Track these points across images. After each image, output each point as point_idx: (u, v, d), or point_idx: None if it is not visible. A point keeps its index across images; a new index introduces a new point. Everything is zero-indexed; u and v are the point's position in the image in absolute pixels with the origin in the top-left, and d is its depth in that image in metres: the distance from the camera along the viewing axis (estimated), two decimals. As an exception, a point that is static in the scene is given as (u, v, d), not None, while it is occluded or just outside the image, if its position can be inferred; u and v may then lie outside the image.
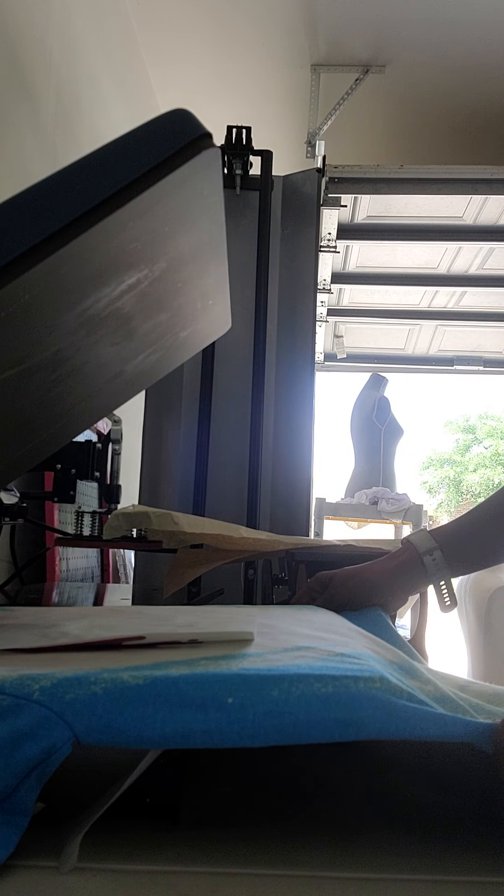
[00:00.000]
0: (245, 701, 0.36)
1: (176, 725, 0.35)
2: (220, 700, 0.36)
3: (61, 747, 0.34)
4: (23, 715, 0.35)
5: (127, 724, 0.35)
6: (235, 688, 0.36)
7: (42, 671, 0.38)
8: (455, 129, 3.47)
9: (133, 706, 0.35)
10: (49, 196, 0.50)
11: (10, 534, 1.47)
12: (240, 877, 0.36)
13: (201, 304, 0.84)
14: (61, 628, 0.61)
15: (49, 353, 0.65)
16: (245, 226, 1.88)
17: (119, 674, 0.37)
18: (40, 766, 0.34)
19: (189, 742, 0.35)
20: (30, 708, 0.35)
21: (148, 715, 0.35)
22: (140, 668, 0.39)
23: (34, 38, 1.85)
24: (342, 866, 0.37)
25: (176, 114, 0.54)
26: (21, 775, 0.34)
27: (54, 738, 0.34)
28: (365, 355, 3.85)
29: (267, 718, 0.36)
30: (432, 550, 0.79)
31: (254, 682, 0.37)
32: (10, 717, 0.35)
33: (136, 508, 1.09)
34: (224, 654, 0.44)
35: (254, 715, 0.36)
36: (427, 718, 0.38)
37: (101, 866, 0.36)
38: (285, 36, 2.95)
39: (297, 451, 1.85)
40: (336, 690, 0.37)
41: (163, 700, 0.36)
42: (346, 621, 0.68)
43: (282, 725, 0.36)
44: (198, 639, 0.49)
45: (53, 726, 0.35)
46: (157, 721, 0.35)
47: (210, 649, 0.46)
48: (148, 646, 0.47)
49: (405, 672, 0.47)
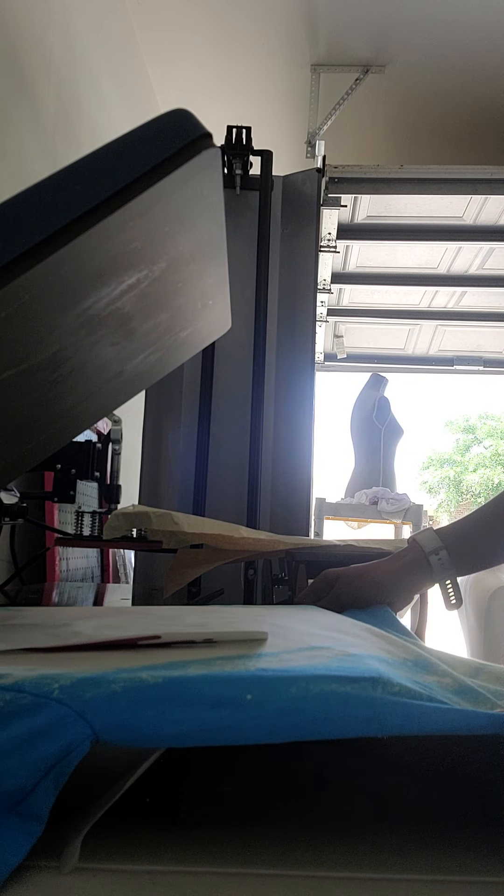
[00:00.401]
0: (263, 698, 0.36)
1: (194, 723, 0.35)
2: (238, 697, 0.36)
3: (80, 745, 0.34)
4: (42, 713, 0.35)
5: (145, 722, 0.35)
6: (253, 686, 0.37)
7: (60, 671, 0.38)
8: (455, 129, 3.47)
9: (151, 704, 0.36)
10: (49, 196, 0.50)
11: (10, 534, 1.47)
12: (240, 877, 0.36)
13: (201, 304, 0.84)
14: (73, 628, 0.61)
15: (49, 353, 0.65)
16: (245, 226, 1.88)
17: (137, 673, 0.37)
18: (58, 766, 0.34)
19: (207, 740, 0.35)
20: (49, 706, 0.35)
21: (166, 713, 0.35)
22: (157, 667, 0.39)
23: (34, 38, 1.85)
24: (342, 866, 0.37)
25: (176, 114, 0.54)
26: (39, 774, 0.34)
27: (73, 736, 0.34)
28: (365, 355, 3.85)
29: (285, 715, 0.36)
30: (438, 550, 0.79)
31: (271, 680, 0.37)
32: (29, 714, 0.35)
33: (136, 508, 1.09)
34: (240, 653, 0.44)
35: (272, 712, 0.36)
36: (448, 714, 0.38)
37: (101, 866, 0.36)
38: (285, 36, 2.95)
39: (297, 451, 1.85)
40: (354, 690, 0.37)
41: (181, 698, 0.36)
42: (353, 621, 0.68)
43: (300, 722, 0.36)
44: (213, 638, 0.49)
45: (73, 724, 0.35)
46: (174, 719, 0.35)
47: (225, 649, 0.46)
48: (163, 645, 0.48)
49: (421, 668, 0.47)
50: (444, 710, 0.38)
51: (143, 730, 0.35)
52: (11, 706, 0.35)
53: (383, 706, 0.37)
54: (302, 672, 0.38)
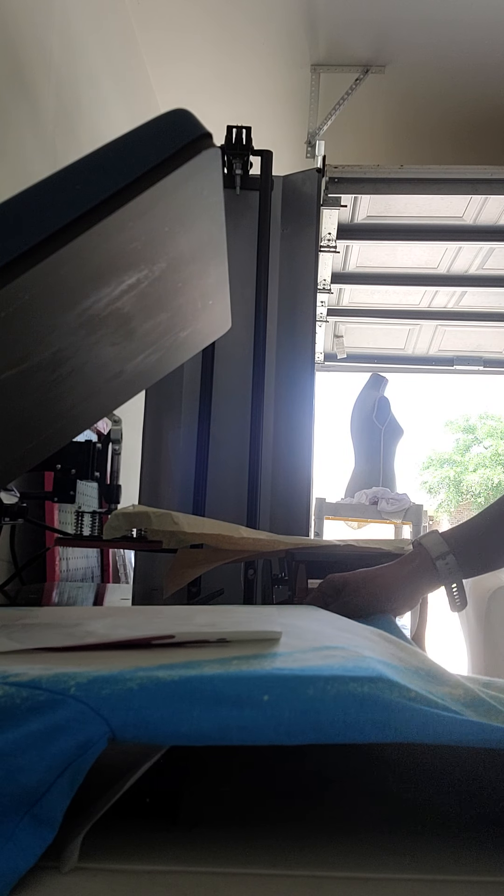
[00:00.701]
0: (281, 699, 0.36)
1: (212, 722, 0.35)
2: (256, 697, 0.36)
3: (97, 742, 0.34)
4: (59, 709, 0.35)
5: (163, 719, 0.35)
6: (270, 686, 0.37)
7: (77, 669, 0.38)
8: (455, 129, 3.47)
9: (169, 702, 0.35)
10: (49, 196, 0.50)
11: (10, 534, 1.47)
12: (240, 877, 0.36)
13: (201, 304, 0.84)
14: (86, 627, 0.61)
15: (49, 353, 0.65)
16: (245, 226, 1.88)
17: (154, 672, 0.37)
18: (74, 764, 0.34)
19: (225, 739, 0.35)
20: (66, 703, 0.35)
21: (184, 711, 0.35)
22: (174, 666, 0.39)
23: (34, 38, 1.85)
24: (342, 866, 0.37)
25: (176, 114, 0.54)
26: (56, 771, 0.34)
27: (90, 733, 0.34)
28: (365, 355, 3.85)
29: (303, 716, 0.36)
30: (445, 555, 0.79)
31: (289, 680, 0.37)
32: (47, 711, 0.35)
33: (136, 508, 1.09)
34: (255, 653, 0.44)
35: (290, 713, 0.36)
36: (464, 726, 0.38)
37: (101, 866, 0.36)
38: (285, 36, 2.95)
39: (297, 451, 1.84)
40: (372, 692, 0.37)
41: (198, 696, 0.36)
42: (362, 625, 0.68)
43: (318, 723, 0.36)
44: (226, 638, 0.49)
45: (89, 721, 0.35)
46: (192, 717, 0.35)
47: (240, 648, 0.46)
48: (177, 645, 0.47)
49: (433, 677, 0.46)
50: (461, 721, 0.38)
51: (161, 727, 0.35)
52: (29, 702, 0.35)
53: (400, 711, 0.37)
54: (319, 672, 0.38)
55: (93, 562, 2.18)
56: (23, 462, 0.99)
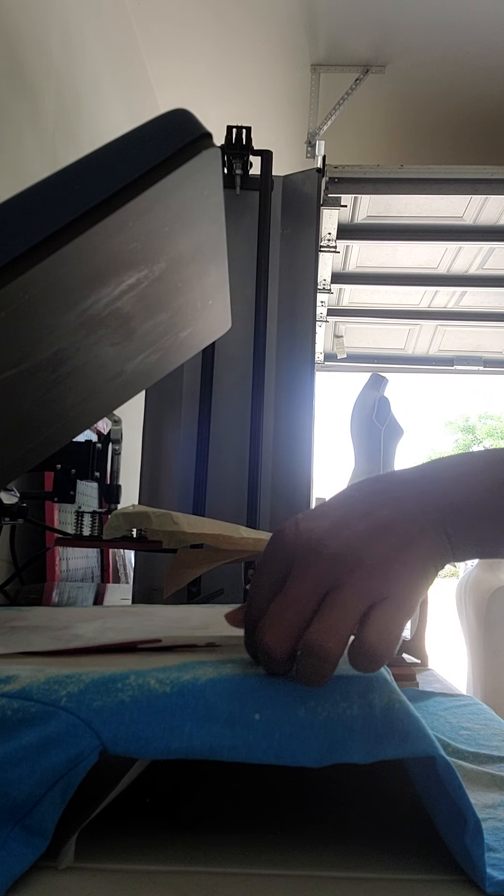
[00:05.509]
0: (272, 719, 0.36)
1: (204, 739, 0.35)
2: (248, 716, 0.36)
3: (88, 755, 0.34)
4: (51, 722, 0.35)
5: (154, 734, 0.35)
6: (263, 705, 0.36)
7: (70, 671, 0.38)
8: (455, 129, 3.47)
9: (161, 717, 0.35)
10: (49, 196, 0.50)
11: (10, 534, 1.47)
12: (240, 877, 0.35)
13: (201, 304, 0.84)
14: (74, 630, 0.60)
15: (49, 353, 0.65)
16: (245, 226, 1.88)
17: (147, 678, 0.37)
18: (65, 777, 0.34)
19: (216, 755, 0.35)
20: (58, 715, 0.35)
21: (176, 726, 0.35)
22: (167, 669, 0.38)
23: (34, 38, 1.85)
24: (342, 866, 0.37)
25: (176, 114, 0.54)
26: (46, 784, 0.34)
27: (82, 746, 0.34)
28: (365, 355, 3.85)
29: (292, 741, 0.35)
30: None
31: (281, 699, 0.37)
32: (38, 723, 0.35)
33: (136, 508, 1.09)
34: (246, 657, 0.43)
35: (280, 735, 0.35)
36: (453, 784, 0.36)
37: (100, 866, 0.36)
38: (285, 36, 2.95)
39: (297, 451, 1.84)
40: (362, 712, 0.36)
41: (191, 711, 0.35)
42: None
43: (307, 749, 0.35)
44: (215, 642, 0.48)
45: (81, 734, 0.34)
46: (184, 733, 0.35)
47: (232, 652, 0.45)
48: (164, 649, 0.47)
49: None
50: (454, 779, 0.36)
51: (152, 742, 0.35)
52: (20, 714, 0.35)
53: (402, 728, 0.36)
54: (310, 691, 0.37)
55: (93, 562, 2.18)
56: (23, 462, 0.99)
